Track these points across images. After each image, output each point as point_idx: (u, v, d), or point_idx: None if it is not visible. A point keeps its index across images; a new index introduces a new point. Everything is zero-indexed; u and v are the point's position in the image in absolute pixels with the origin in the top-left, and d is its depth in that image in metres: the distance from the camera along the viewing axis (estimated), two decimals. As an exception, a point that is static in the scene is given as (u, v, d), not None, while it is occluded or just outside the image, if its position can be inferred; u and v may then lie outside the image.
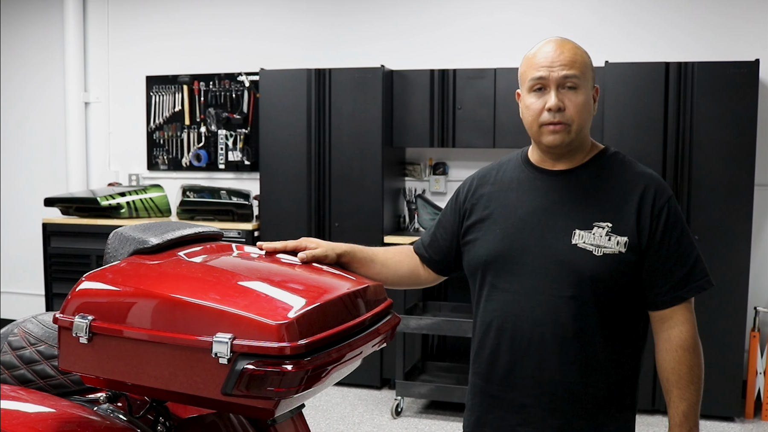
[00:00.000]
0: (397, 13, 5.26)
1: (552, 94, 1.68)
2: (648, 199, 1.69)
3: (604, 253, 1.66)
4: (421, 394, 4.42)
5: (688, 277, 1.69)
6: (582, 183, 1.74)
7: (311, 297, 1.58)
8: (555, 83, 1.68)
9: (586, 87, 1.70)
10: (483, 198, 1.84)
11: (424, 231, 2.02)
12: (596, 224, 1.68)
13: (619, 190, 1.71)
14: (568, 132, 1.69)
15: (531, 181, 1.78)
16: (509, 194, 1.80)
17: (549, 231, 1.71)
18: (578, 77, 1.68)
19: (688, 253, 1.70)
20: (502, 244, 1.75)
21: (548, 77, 1.68)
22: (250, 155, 5.47)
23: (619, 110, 4.37)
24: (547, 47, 1.72)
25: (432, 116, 4.82)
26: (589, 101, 1.71)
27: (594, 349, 1.69)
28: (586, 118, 1.71)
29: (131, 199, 5.37)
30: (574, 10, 4.93)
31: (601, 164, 1.76)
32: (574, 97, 1.68)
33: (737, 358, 4.25)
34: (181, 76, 5.64)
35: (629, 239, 1.67)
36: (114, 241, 1.80)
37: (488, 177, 1.87)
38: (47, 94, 6.01)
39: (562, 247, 1.69)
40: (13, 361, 1.89)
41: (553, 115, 1.68)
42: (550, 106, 1.68)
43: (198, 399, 1.52)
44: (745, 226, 4.23)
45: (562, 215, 1.71)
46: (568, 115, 1.68)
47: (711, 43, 4.68)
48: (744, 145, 4.21)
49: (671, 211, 1.69)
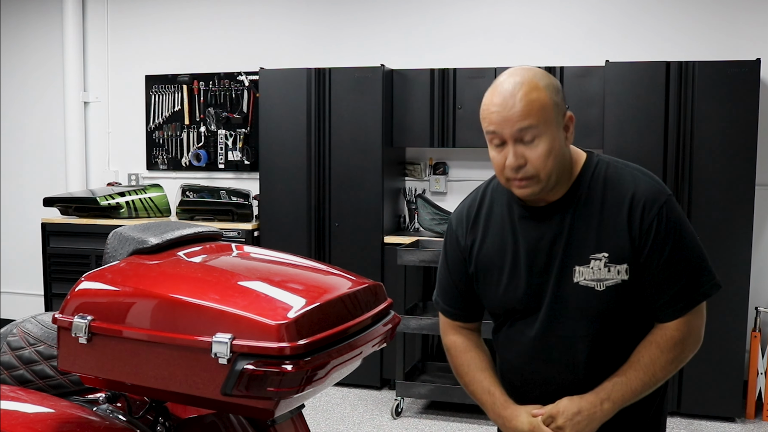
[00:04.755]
0: (397, 12, 5.26)
1: (510, 151, 1.57)
2: (636, 216, 1.61)
3: (606, 286, 1.62)
4: (421, 394, 4.41)
5: (684, 292, 1.63)
6: (572, 213, 1.66)
7: (311, 297, 1.57)
8: (511, 139, 1.56)
9: (548, 131, 1.56)
10: (478, 239, 1.77)
11: (438, 300, 1.94)
12: (593, 257, 1.62)
13: (609, 212, 1.63)
14: (537, 182, 1.59)
15: (522, 220, 1.70)
16: (505, 236, 1.72)
17: (551, 272, 1.67)
18: (535, 126, 1.55)
19: (684, 264, 1.63)
20: (514, 294, 1.71)
21: (502, 133, 1.57)
22: (250, 155, 5.47)
23: (619, 110, 4.37)
24: (496, 97, 1.57)
25: (432, 116, 4.81)
26: (554, 146, 1.57)
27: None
28: (554, 164, 1.58)
29: (131, 198, 5.36)
30: (574, 9, 4.93)
31: (587, 184, 1.66)
32: (534, 149, 1.56)
33: (738, 358, 4.24)
34: (180, 76, 5.63)
35: (629, 264, 1.61)
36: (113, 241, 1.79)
37: (479, 215, 1.78)
38: (47, 94, 6.01)
39: (565, 288, 1.65)
40: (12, 361, 1.89)
41: (515, 172, 1.58)
42: (509, 165, 1.58)
43: (198, 399, 1.52)
44: (746, 226, 4.22)
45: (559, 253, 1.66)
46: (531, 169, 1.57)
47: (712, 42, 4.68)
48: (745, 145, 4.20)
49: (662, 224, 1.60)
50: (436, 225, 4.88)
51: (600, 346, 1.67)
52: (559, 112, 1.60)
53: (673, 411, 4.30)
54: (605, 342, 1.67)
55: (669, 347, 1.64)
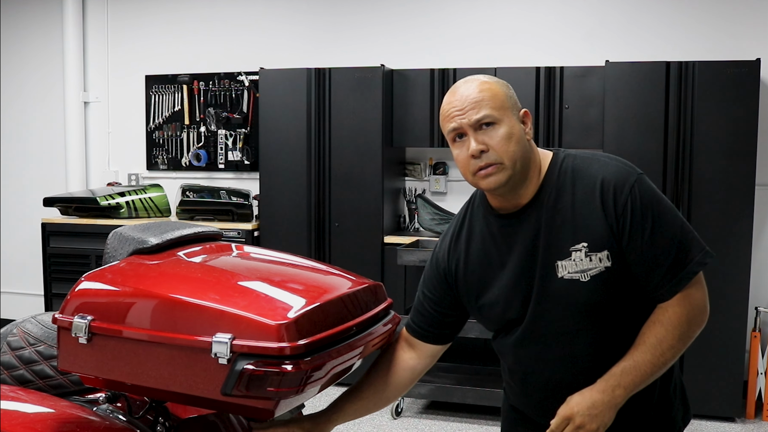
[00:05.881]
0: (397, 12, 5.26)
1: (471, 140, 1.62)
2: (608, 200, 1.61)
3: (591, 276, 1.61)
4: (421, 394, 4.41)
5: (675, 267, 1.60)
6: (545, 211, 1.66)
7: (311, 297, 1.57)
8: (471, 128, 1.62)
9: (505, 118, 1.62)
10: (461, 261, 1.78)
11: (411, 310, 1.94)
12: (573, 249, 1.62)
13: (581, 203, 1.63)
14: (503, 169, 1.61)
15: (500, 229, 1.72)
16: (487, 249, 1.74)
17: (537, 274, 1.67)
18: (491, 114, 1.61)
19: (668, 240, 1.61)
20: (506, 304, 1.72)
21: (461, 125, 1.62)
22: (250, 155, 5.47)
23: (619, 110, 4.37)
24: (453, 96, 1.66)
25: (432, 116, 4.81)
26: (513, 130, 1.62)
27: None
28: (516, 148, 1.62)
29: (131, 198, 5.36)
30: (575, 9, 4.93)
31: (556, 180, 1.68)
32: (494, 133, 1.61)
33: (738, 358, 4.24)
34: (180, 76, 5.63)
35: (609, 251, 1.61)
36: (113, 241, 1.79)
37: (459, 237, 1.81)
38: (47, 94, 6.01)
39: (553, 286, 1.65)
40: (12, 361, 1.89)
41: (480, 159, 1.62)
42: (472, 152, 1.61)
43: (197, 399, 1.52)
44: (746, 226, 4.22)
45: (540, 254, 1.66)
46: (494, 155, 1.61)
47: (712, 42, 4.68)
48: (745, 145, 4.20)
49: (636, 203, 1.60)
50: (436, 225, 4.88)
51: (597, 337, 1.66)
52: (514, 105, 1.66)
53: (673, 411, 4.29)
54: (602, 332, 1.66)
55: (674, 324, 1.61)
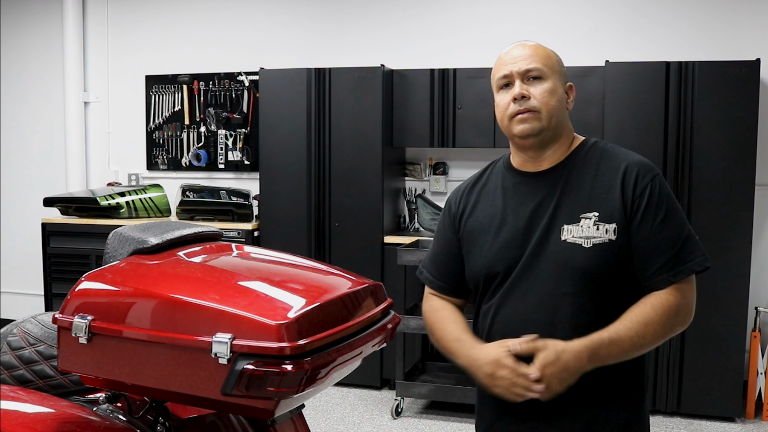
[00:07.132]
0: (397, 13, 5.26)
1: (516, 85, 1.72)
2: (630, 181, 1.68)
3: (594, 243, 1.65)
4: (421, 394, 4.41)
5: (676, 260, 1.65)
6: (565, 178, 1.73)
7: (311, 297, 1.57)
8: (519, 76, 1.73)
9: (552, 77, 1.73)
10: (468, 207, 1.84)
11: (422, 270, 1.93)
12: (583, 216, 1.67)
13: (602, 178, 1.70)
14: (538, 119, 1.71)
15: (515, 186, 1.79)
16: (496, 202, 1.80)
17: (538, 233, 1.70)
18: (541, 69, 1.72)
19: (675, 234, 1.66)
20: (497, 255, 1.74)
21: (511, 73, 1.74)
22: (250, 155, 5.47)
23: (619, 110, 4.37)
24: (511, 48, 1.79)
25: (432, 116, 4.81)
26: (556, 90, 1.73)
27: None
28: (556, 105, 1.72)
29: (131, 199, 5.36)
30: (575, 9, 4.93)
31: (583, 156, 1.76)
32: (539, 85, 1.72)
33: (738, 358, 4.23)
34: (180, 76, 5.63)
35: (617, 225, 1.65)
36: (113, 241, 1.79)
37: (474, 186, 1.88)
38: (47, 94, 6.01)
39: (552, 246, 1.68)
40: (12, 361, 1.89)
41: (519, 104, 1.71)
42: (515, 95, 1.71)
43: (198, 399, 1.52)
44: (746, 226, 4.22)
45: (548, 214, 1.71)
46: (534, 102, 1.71)
47: (711, 42, 4.68)
48: (744, 145, 4.20)
49: (655, 191, 1.67)
50: (435, 225, 4.88)
51: (583, 305, 1.66)
52: (562, 72, 1.78)
53: (673, 411, 4.29)
54: (588, 302, 1.66)
55: (663, 310, 1.64)
